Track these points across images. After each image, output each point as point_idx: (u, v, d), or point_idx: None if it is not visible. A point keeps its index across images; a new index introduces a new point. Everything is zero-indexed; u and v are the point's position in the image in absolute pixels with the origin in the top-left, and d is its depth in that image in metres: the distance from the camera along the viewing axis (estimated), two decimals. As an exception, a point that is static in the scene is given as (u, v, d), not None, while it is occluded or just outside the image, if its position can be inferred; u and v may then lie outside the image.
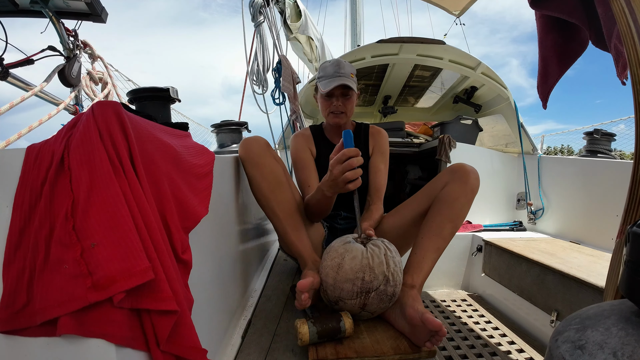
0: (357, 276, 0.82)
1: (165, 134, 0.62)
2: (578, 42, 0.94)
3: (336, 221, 1.24)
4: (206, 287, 0.73)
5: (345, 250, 0.86)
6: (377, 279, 0.82)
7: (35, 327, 0.41)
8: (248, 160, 0.97)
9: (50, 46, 1.54)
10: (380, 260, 0.84)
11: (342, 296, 0.84)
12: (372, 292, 0.82)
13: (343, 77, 1.11)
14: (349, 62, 1.17)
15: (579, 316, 0.45)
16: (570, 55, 0.96)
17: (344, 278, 0.83)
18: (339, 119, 1.17)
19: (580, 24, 0.88)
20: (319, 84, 1.17)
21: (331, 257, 0.87)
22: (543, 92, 1.02)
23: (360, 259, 0.83)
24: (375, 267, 0.82)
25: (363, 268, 0.82)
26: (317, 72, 1.21)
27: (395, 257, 0.88)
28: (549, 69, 0.98)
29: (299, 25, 2.38)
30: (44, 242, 0.43)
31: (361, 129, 1.29)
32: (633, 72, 0.59)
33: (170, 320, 0.46)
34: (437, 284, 1.68)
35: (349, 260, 0.83)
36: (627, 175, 0.61)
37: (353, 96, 1.17)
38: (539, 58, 1.00)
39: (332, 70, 1.13)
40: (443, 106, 3.08)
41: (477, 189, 1.01)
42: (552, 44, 0.96)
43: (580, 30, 0.92)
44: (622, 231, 0.61)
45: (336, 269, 0.84)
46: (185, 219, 0.58)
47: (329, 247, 0.92)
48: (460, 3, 3.24)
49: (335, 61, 1.15)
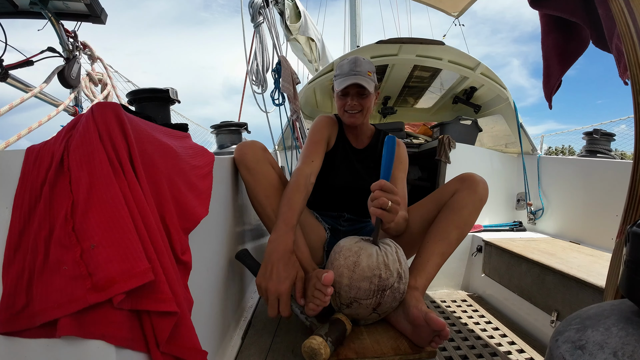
0: (375, 273, 0.81)
1: (165, 135, 0.62)
2: (579, 41, 0.94)
3: (339, 223, 1.21)
4: (206, 288, 0.73)
5: (359, 248, 0.84)
6: (393, 276, 0.82)
7: (35, 328, 0.41)
8: (242, 165, 0.96)
9: (49, 47, 1.54)
10: (394, 258, 0.84)
11: (359, 296, 0.82)
12: (387, 289, 0.82)
13: (359, 75, 1.07)
14: (368, 60, 1.13)
15: (579, 316, 0.45)
16: (570, 54, 0.96)
17: (361, 276, 0.81)
18: (355, 118, 1.13)
19: (581, 22, 0.88)
20: (335, 82, 1.14)
21: (345, 256, 0.84)
22: (547, 92, 1.02)
23: (376, 256, 0.82)
24: (391, 264, 0.82)
25: (379, 265, 0.81)
26: (334, 69, 1.18)
27: (404, 255, 0.89)
28: (550, 68, 0.98)
29: (299, 26, 2.38)
30: (43, 243, 0.43)
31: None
32: (633, 73, 0.59)
33: (170, 322, 0.46)
34: (437, 284, 1.68)
35: (365, 257, 0.82)
36: (626, 175, 0.61)
37: (370, 96, 1.12)
38: (543, 58, 1.00)
39: (348, 68, 1.09)
40: (442, 107, 3.08)
41: (486, 198, 1.01)
42: (553, 43, 0.96)
43: (581, 29, 0.91)
44: (622, 231, 0.61)
45: (352, 267, 0.82)
46: (185, 220, 0.58)
47: (338, 247, 0.89)
48: (458, 4, 3.24)
49: (353, 59, 1.11)
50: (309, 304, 0.79)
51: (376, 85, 1.14)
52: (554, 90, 1.01)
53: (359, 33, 4.74)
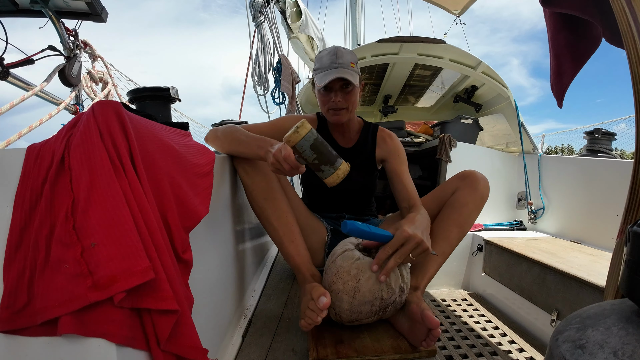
0: (376, 296, 0.77)
1: (166, 134, 0.61)
2: (591, 39, 0.92)
3: (339, 224, 1.20)
4: (207, 286, 0.73)
5: (358, 270, 0.78)
6: (395, 294, 0.79)
7: (35, 326, 0.41)
8: (241, 167, 0.94)
9: (50, 46, 1.54)
10: (396, 275, 0.79)
11: (360, 318, 0.80)
12: (389, 306, 0.80)
13: (341, 67, 0.97)
14: (349, 50, 1.02)
15: (580, 315, 0.45)
16: (583, 52, 0.94)
17: (361, 301, 0.77)
18: (340, 116, 1.03)
19: (593, 20, 0.86)
20: (315, 77, 1.03)
21: (343, 281, 0.78)
22: (558, 90, 0.99)
23: (376, 276, 0.77)
24: (392, 283, 0.78)
25: (381, 287, 0.77)
26: (314, 63, 1.06)
27: (407, 267, 0.86)
28: (563, 67, 0.96)
29: (300, 25, 2.38)
30: (44, 241, 0.43)
31: (369, 129, 1.18)
32: (633, 72, 0.59)
33: (170, 320, 0.46)
34: (438, 283, 1.68)
35: (364, 281, 0.77)
36: (627, 175, 0.61)
37: (354, 89, 1.02)
38: (552, 57, 0.97)
39: (329, 61, 0.98)
40: (443, 105, 3.08)
41: (487, 196, 1.00)
42: (564, 42, 0.94)
43: (593, 27, 0.90)
44: (623, 230, 0.61)
45: (352, 293, 0.77)
46: (186, 219, 0.58)
47: (334, 266, 0.83)
48: (460, 2, 3.23)
49: (332, 49, 1.01)
50: (300, 321, 0.78)
51: (360, 77, 1.05)
52: (566, 88, 0.99)
53: (360, 32, 4.74)
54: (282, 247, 0.94)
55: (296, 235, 0.95)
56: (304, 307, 0.79)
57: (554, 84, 0.99)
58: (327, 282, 0.83)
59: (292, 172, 0.75)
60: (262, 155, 0.82)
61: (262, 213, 0.95)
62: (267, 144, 0.81)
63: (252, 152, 0.85)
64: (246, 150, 0.87)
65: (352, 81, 0.98)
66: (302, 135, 0.74)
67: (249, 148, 0.86)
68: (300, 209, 1.09)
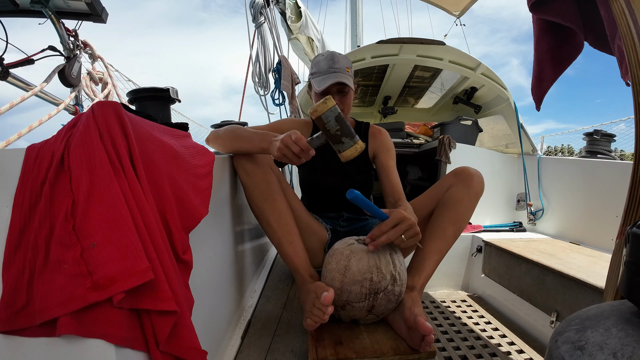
0: (365, 277, 0.80)
1: (165, 134, 0.62)
2: (573, 45, 0.94)
3: (339, 223, 1.21)
4: (206, 287, 0.73)
5: (350, 251, 0.84)
6: (385, 279, 0.81)
7: (35, 327, 0.41)
8: (241, 168, 0.94)
9: (50, 46, 1.54)
10: (387, 260, 0.83)
11: (350, 299, 0.82)
12: (380, 292, 0.81)
13: (338, 72, 1.04)
14: (344, 55, 1.09)
15: (579, 317, 0.45)
16: (564, 58, 0.96)
17: (352, 280, 0.81)
18: None
19: (575, 27, 0.88)
20: (313, 81, 1.09)
21: (336, 260, 0.85)
22: (537, 94, 1.02)
23: (367, 259, 0.82)
24: (383, 267, 0.81)
25: (370, 269, 0.81)
26: (311, 67, 1.13)
27: (400, 257, 0.88)
28: (543, 72, 0.99)
29: (300, 26, 2.38)
30: (43, 242, 0.43)
31: (361, 127, 1.23)
32: (633, 73, 0.59)
33: (169, 321, 0.46)
34: (437, 284, 1.68)
35: (355, 261, 0.82)
36: (627, 176, 0.61)
37: (350, 92, 1.09)
38: (534, 61, 1.00)
39: (326, 66, 1.05)
40: (443, 107, 3.08)
41: (481, 192, 1.00)
42: (547, 47, 0.96)
43: (575, 33, 0.92)
44: (622, 232, 0.61)
45: (343, 271, 0.82)
46: (186, 219, 0.58)
47: (331, 251, 0.90)
48: (460, 3, 3.24)
49: (329, 55, 1.07)
50: (307, 320, 0.79)
51: (354, 81, 1.12)
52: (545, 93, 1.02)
53: (360, 32, 4.74)
54: (281, 248, 0.95)
55: (295, 236, 0.95)
56: (309, 306, 0.80)
57: (534, 88, 1.02)
58: (323, 265, 0.88)
59: (301, 155, 0.77)
60: (265, 147, 0.83)
61: (261, 214, 0.96)
62: (271, 136, 0.83)
63: (255, 145, 0.86)
64: (248, 145, 0.88)
65: (349, 84, 1.05)
66: (329, 107, 0.78)
67: (252, 142, 0.87)
68: (300, 211, 1.09)
